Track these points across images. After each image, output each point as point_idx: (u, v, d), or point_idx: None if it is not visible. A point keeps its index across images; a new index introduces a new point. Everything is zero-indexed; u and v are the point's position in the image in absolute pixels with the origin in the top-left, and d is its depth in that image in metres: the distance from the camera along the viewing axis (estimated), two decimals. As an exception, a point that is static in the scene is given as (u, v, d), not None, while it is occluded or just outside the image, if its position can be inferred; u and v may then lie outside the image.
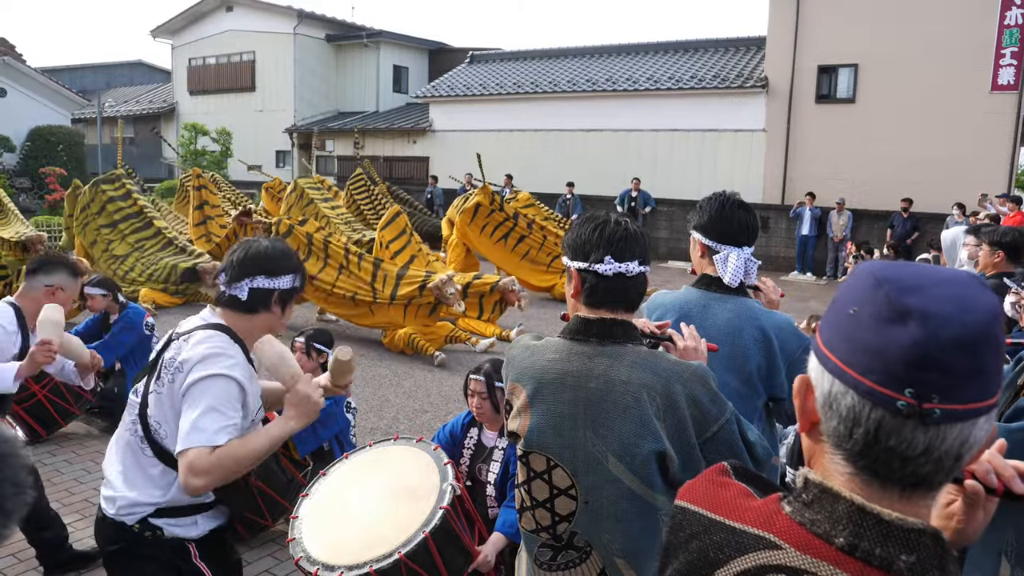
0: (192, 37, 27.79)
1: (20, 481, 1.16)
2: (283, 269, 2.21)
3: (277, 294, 2.21)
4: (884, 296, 0.83)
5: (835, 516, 0.85)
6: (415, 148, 22.70)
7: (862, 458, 0.86)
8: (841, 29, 16.05)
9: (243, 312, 2.19)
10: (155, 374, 2.15)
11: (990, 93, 14.87)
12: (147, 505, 2.13)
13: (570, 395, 1.74)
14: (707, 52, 20.42)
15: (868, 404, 0.83)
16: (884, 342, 0.81)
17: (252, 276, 2.17)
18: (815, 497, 0.88)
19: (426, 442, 3.12)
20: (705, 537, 0.96)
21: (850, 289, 0.89)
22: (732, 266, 2.29)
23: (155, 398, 2.11)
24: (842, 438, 0.87)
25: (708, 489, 1.02)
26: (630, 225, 1.82)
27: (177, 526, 2.16)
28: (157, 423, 2.10)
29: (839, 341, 0.87)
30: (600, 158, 19.05)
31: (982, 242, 4.89)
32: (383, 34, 26.02)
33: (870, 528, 0.83)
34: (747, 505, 0.95)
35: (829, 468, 0.90)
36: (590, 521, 1.75)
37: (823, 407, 0.89)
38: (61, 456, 5.13)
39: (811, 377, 0.91)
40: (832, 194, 15.60)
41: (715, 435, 1.71)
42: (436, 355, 7.80)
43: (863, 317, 0.84)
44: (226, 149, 23.15)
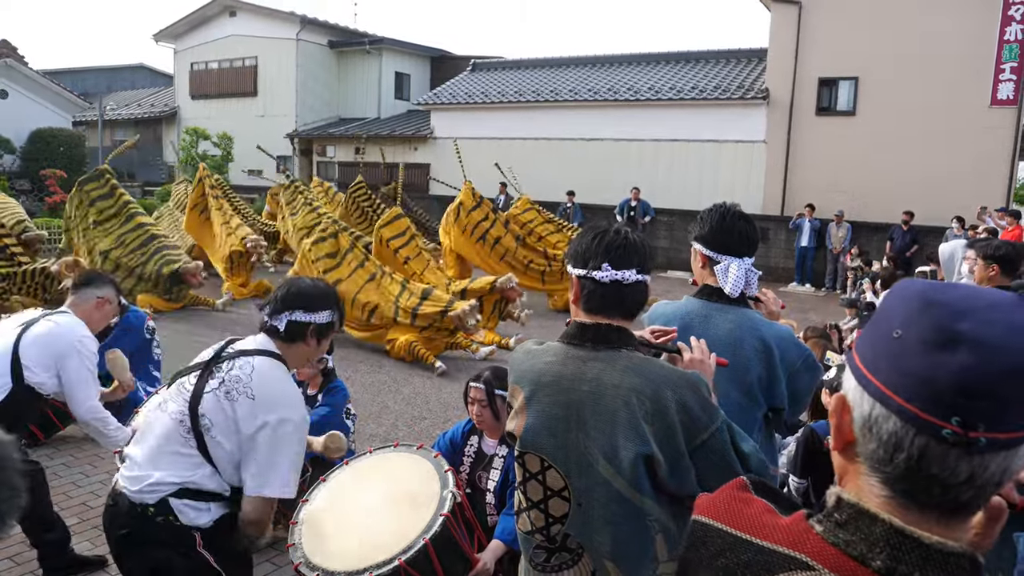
0: (195, 41, 27.86)
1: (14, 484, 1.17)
2: (321, 306, 2.43)
3: (313, 327, 2.42)
4: (932, 320, 0.81)
5: (872, 538, 0.84)
6: (416, 155, 22.74)
7: (901, 482, 0.84)
8: (842, 42, 16.12)
9: (280, 341, 2.40)
10: (208, 377, 2.29)
11: (989, 107, 14.94)
12: (171, 484, 2.23)
13: (564, 397, 1.77)
14: (708, 63, 20.50)
15: (912, 430, 0.81)
16: (932, 368, 0.80)
17: (291, 310, 2.39)
18: (849, 517, 0.87)
19: (427, 449, 3.13)
20: (731, 555, 0.94)
21: (894, 310, 0.87)
22: (733, 276, 2.31)
23: (213, 400, 2.24)
24: (881, 462, 0.85)
25: (730, 505, 1.01)
26: (630, 235, 1.85)
27: (192, 509, 2.25)
28: (210, 423, 2.23)
29: (882, 363, 0.85)
30: (601, 167, 19.09)
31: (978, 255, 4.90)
32: (385, 41, 26.09)
33: (909, 552, 0.82)
34: (774, 523, 0.94)
35: (864, 489, 0.88)
36: (582, 523, 1.78)
37: (862, 429, 0.87)
38: (59, 459, 5.13)
39: (848, 397, 0.90)
40: (832, 206, 15.64)
41: (705, 443, 1.72)
42: (437, 365, 7.81)
43: (910, 341, 0.82)
44: (227, 154, 23.18)
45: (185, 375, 2.38)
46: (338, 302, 2.52)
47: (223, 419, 2.23)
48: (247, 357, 2.32)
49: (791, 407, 2.39)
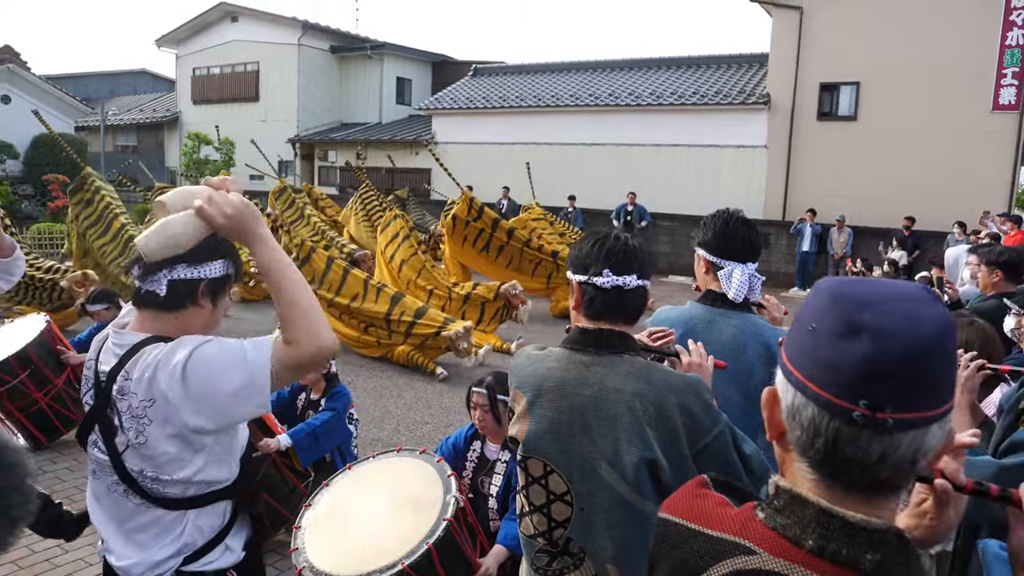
0: (196, 47, 27.94)
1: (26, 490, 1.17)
2: (209, 254, 1.80)
3: (204, 285, 1.81)
4: (839, 312, 0.88)
5: (804, 520, 0.90)
6: (417, 160, 22.78)
7: (824, 465, 0.90)
8: (843, 47, 16.15)
9: (165, 311, 1.80)
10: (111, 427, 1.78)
11: (991, 113, 14.96)
12: (172, 561, 1.84)
13: (567, 402, 1.78)
14: (710, 68, 20.54)
15: (827, 415, 0.87)
16: (839, 357, 0.86)
17: (171, 265, 1.76)
18: (786, 503, 0.93)
19: (429, 453, 3.13)
20: (686, 547, 1.00)
21: (810, 306, 0.93)
22: (736, 282, 2.32)
23: (133, 452, 1.75)
24: (805, 447, 0.92)
25: (689, 500, 1.06)
26: (631, 241, 1.87)
27: (214, 561, 1.91)
28: (151, 471, 1.76)
29: (800, 356, 0.91)
30: (602, 172, 19.11)
31: (981, 261, 4.90)
32: (387, 46, 26.16)
33: (837, 530, 0.87)
34: (724, 514, 1.00)
35: (797, 475, 0.94)
36: (584, 527, 1.79)
37: (788, 418, 0.94)
38: (62, 464, 5.13)
39: (778, 389, 0.96)
40: (833, 211, 15.64)
41: (708, 446, 1.73)
42: (439, 372, 7.81)
43: (821, 333, 0.89)
44: (229, 159, 23.23)
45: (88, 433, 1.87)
46: (232, 249, 1.88)
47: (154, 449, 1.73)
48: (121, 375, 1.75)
49: None
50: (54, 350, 5.24)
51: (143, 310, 1.82)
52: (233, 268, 1.88)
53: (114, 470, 1.79)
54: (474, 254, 10.99)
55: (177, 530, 1.84)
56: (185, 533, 1.85)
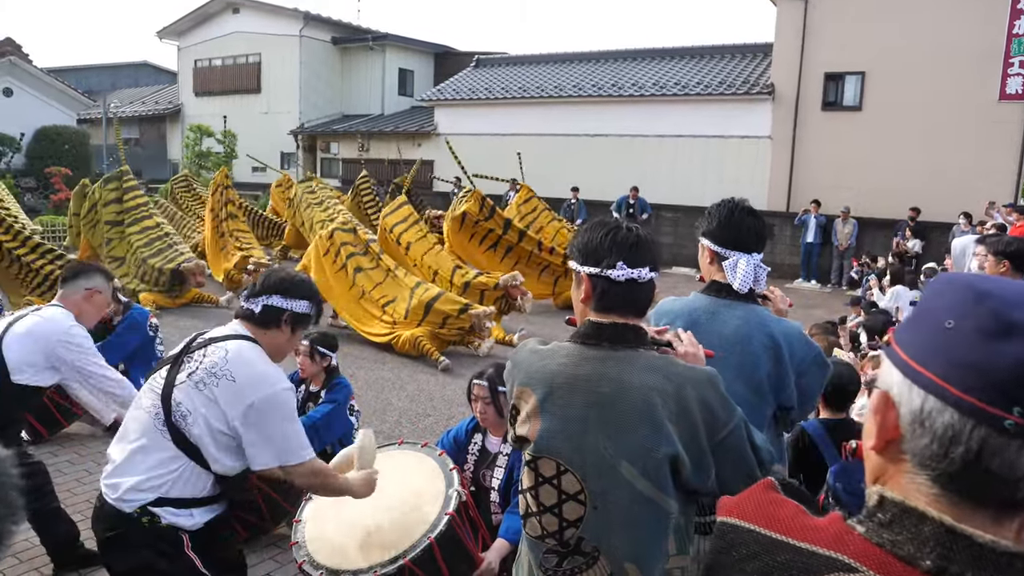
0: (198, 39, 27.87)
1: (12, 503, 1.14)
2: (299, 294, 2.40)
3: (288, 315, 2.38)
4: (989, 310, 0.80)
5: (920, 537, 0.81)
6: (420, 151, 22.71)
7: (956, 479, 0.82)
8: (848, 36, 16.03)
9: (255, 325, 2.36)
10: (179, 368, 2.27)
11: (998, 102, 14.82)
12: (148, 492, 2.20)
13: (581, 399, 1.73)
14: (713, 58, 20.42)
15: (970, 423, 0.79)
16: (990, 358, 0.78)
17: (269, 294, 2.36)
18: (894, 517, 0.85)
19: (431, 447, 3.11)
20: (766, 558, 0.91)
21: (941, 301, 0.85)
22: (741, 272, 2.28)
23: (188, 388, 2.21)
24: (935, 458, 0.82)
25: (762, 506, 0.98)
26: (641, 231, 1.83)
27: (175, 515, 2.23)
28: (187, 411, 2.20)
29: (933, 356, 0.83)
30: (605, 163, 19.04)
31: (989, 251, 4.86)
32: (389, 37, 26.07)
33: (961, 551, 0.79)
34: (811, 524, 0.91)
35: (909, 488, 0.85)
36: (599, 526, 1.74)
37: (912, 424, 0.84)
38: (63, 456, 5.12)
39: (893, 392, 0.87)
40: (837, 202, 15.56)
41: (725, 439, 1.71)
42: (441, 360, 7.79)
43: (965, 331, 0.81)
44: (231, 151, 23.20)
45: (159, 369, 2.35)
46: (318, 296, 2.49)
47: (204, 404, 2.20)
48: (219, 343, 2.29)
49: (800, 405, 2.36)
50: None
51: (242, 320, 2.39)
52: (315, 310, 2.46)
53: (160, 394, 2.25)
54: (479, 252, 10.97)
55: (169, 469, 2.21)
56: (172, 477, 2.21)
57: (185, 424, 2.20)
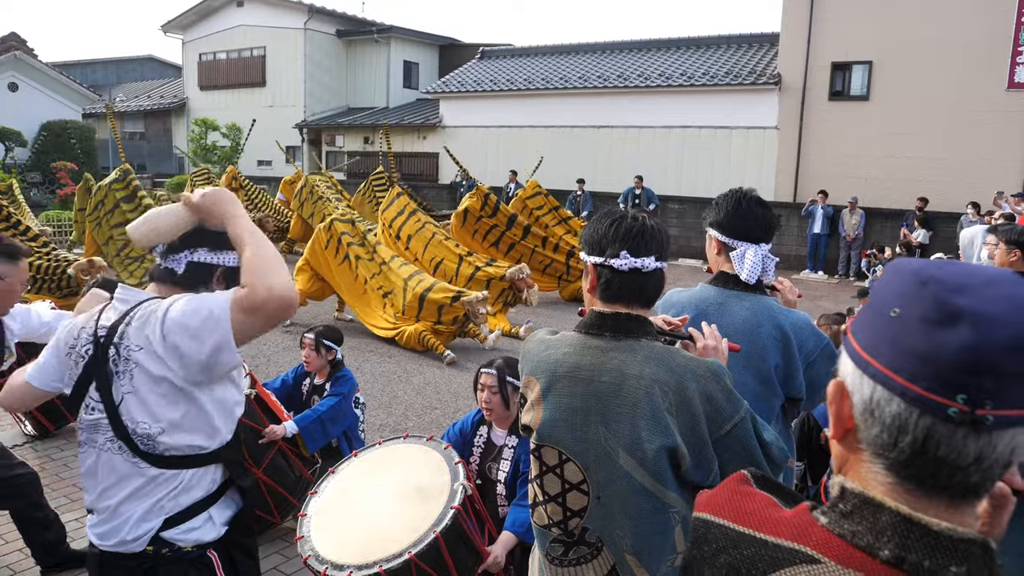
0: (203, 32, 27.86)
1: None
2: (229, 244, 1.87)
3: (221, 271, 1.93)
4: (931, 296, 0.79)
5: (878, 527, 0.81)
6: (425, 144, 22.67)
7: (907, 467, 0.81)
8: (855, 25, 15.90)
9: (181, 288, 1.88)
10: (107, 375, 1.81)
11: (1006, 91, 14.69)
12: (153, 518, 1.84)
13: (583, 389, 1.73)
14: (720, 48, 20.29)
15: (916, 411, 0.78)
16: (933, 346, 0.77)
17: (192, 248, 1.90)
18: (854, 507, 0.84)
19: (437, 440, 3.09)
20: (734, 552, 0.91)
21: (890, 289, 0.84)
22: (749, 263, 2.25)
23: (132, 398, 1.79)
24: (885, 447, 0.82)
25: (732, 500, 0.98)
26: (647, 221, 1.80)
27: (195, 529, 1.89)
28: (146, 423, 1.78)
29: (880, 344, 0.82)
30: (611, 155, 18.98)
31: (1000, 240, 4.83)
32: (393, 29, 26.00)
33: (918, 539, 0.79)
34: (777, 516, 0.91)
35: (867, 477, 0.85)
36: (602, 517, 1.74)
37: (863, 414, 0.84)
38: (69, 451, 5.12)
39: (846, 382, 0.86)
40: (845, 192, 15.47)
41: (729, 433, 1.69)
42: (447, 354, 7.78)
43: (908, 319, 0.80)
44: (236, 144, 23.21)
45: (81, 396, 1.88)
46: None
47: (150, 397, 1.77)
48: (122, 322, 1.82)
49: (809, 396, 2.33)
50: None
51: (160, 284, 1.92)
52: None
53: (109, 425, 1.81)
54: (482, 248, 10.94)
55: (167, 490, 1.83)
56: (174, 494, 1.84)
57: (153, 442, 1.79)
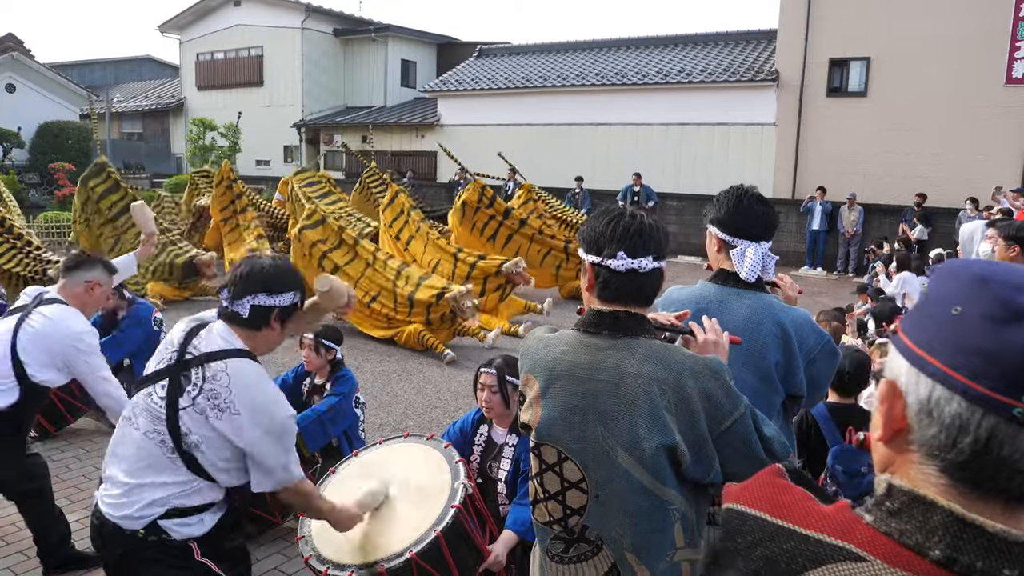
0: (200, 32, 27.81)
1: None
2: (284, 287, 2.29)
3: (277, 311, 2.28)
4: (994, 295, 0.78)
5: (929, 527, 0.80)
6: (423, 143, 22.65)
7: (965, 469, 0.80)
8: (853, 21, 15.89)
9: (245, 328, 2.26)
10: (179, 388, 2.16)
11: (1004, 86, 14.68)
12: (158, 508, 2.14)
13: (581, 387, 1.72)
14: (717, 45, 20.28)
15: (979, 411, 0.77)
16: (998, 345, 0.76)
17: (254, 294, 2.24)
18: (903, 505, 0.83)
19: (437, 439, 3.09)
20: (772, 545, 0.88)
21: (948, 288, 0.83)
22: (749, 261, 2.24)
23: (194, 417, 2.13)
24: (943, 448, 0.81)
25: (768, 492, 0.95)
26: (645, 219, 1.79)
27: (184, 526, 2.18)
28: (197, 440, 2.13)
29: (940, 343, 0.81)
30: (609, 152, 18.97)
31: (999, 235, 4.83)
32: (391, 28, 25.96)
33: (971, 540, 0.77)
34: (818, 511, 0.89)
35: (917, 478, 0.83)
36: (601, 515, 1.74)
37: (919, 414, 0.82)
38: (70, 452, 5.12)
39: (899, 381, 0.85)
40: (843, 188, 15.47)
41: (728, 429, 1.68)
42: (446, 353, 7.77)
43: (971, 318, 0.79)
44: (234, 144, 23.18)
45: (151, 383, 2.23)
46: (300, 281, 2.39)
47: (211, 435, 2.14)
48: (218, 362, 2.18)
49: (810, 394, 2.33)
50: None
51: (231, 324, 2.27)
52: (300, 297, 2.36)
53: (165, 421, 2.14)
54: (482, 242, 10.97)
55: (183, 489, 2.16)
56: (187, 491, 2.17)
57: (198, 452, 2.15)
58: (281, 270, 2.32)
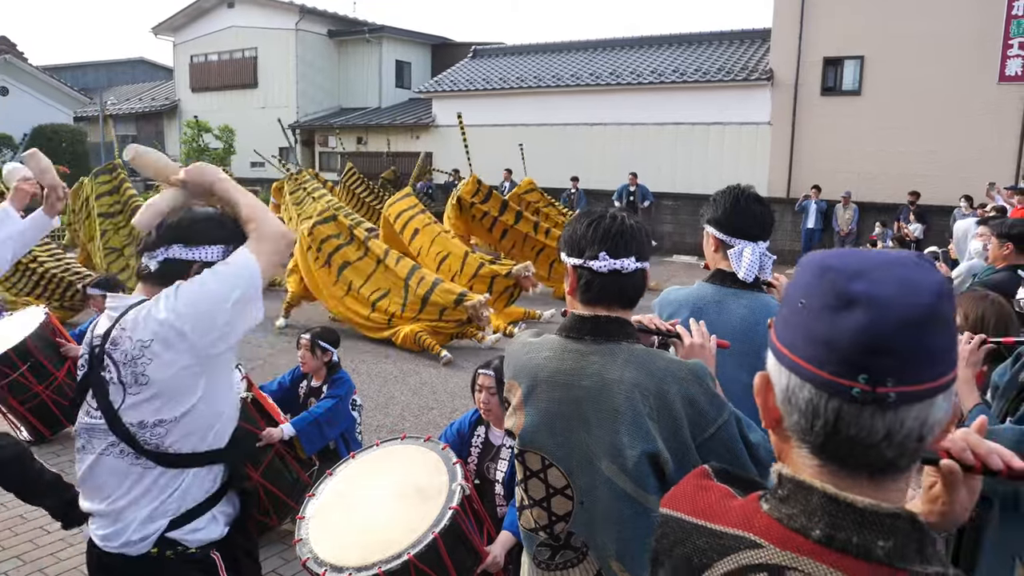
0: (194, 34, 27.76)
1: None
2: (206, 238, 1.89)
3: (197, 267, 1.87)
4: (830, 284, 0.83)
5: (810, 509, 0.85)
6: (418, 143, 22.64)
7: (826, 449, 0.85)
8: (847, 20, 15.92)
9: (159, 285, 1.84)
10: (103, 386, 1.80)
11: (998, 84, 14.74)
12: (158, 525, 1.84)
13: (563, 394, 1.70)
14: (711, 45, 20.31)
15: (825, 395, 0.83)
16: (833, 331, 0.81)
17: (167, 244, 1.87)
18: (790, 492, 0.88)
19: (434, 441, 3.09)
20: (688, 543, 0.95)
21: (798, 282, 0.89)
22: (747, 261, 2.24)
23: (131, 404, 1.78)
24: (804, 431, 0.87)
25: (690, 494, 1.01)
26: (627, 220, 1.75)
27: (196, 531, 1.89)
28: (148, 424, 1.78)
29: (792, 335, 0.87)
30: (605, 152, 18.97)
31: (992, 233, 4.86)
32: (385, 29, 25.95)
33: (845, 517, 0.82)
34: (728, 506, 0.94)
35: (798, 462, 0.89)
36: (585, 522, 1.72)
37: (783, 403, 0.89)
38: (66, 456, 5.10)
39: (770, 374, 0.91)
40: (838, 187, 15.50)
41: (713, 436, 1.65)
42: (443, 355, 7.77)
43: (812, 309, 0.84)
44: (229, 146, 23.13)
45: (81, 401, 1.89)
46: (232, 233, 1.93)
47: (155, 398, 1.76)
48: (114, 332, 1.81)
49: None
50: (54, 342, 5.20)
51: (144, 284, 1.91)
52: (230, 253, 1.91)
53: (110, 430, 1.80)
54: (483, 232, 11.05)
55: (170, 491, 1.84)
56: (177, 494, 1.85)
57: (157, 439, 1.79)
58: (205, 218, 1.92)
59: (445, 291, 8.06)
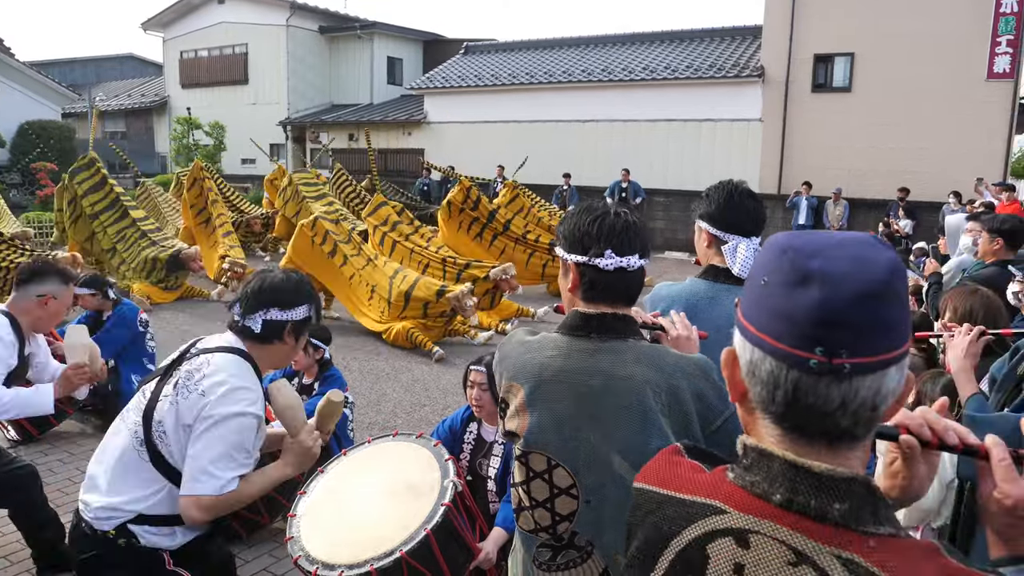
0: (183, 30, 27.58)
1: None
2: (297, 301, 2.27)
3: (290, 325, 2.26)
4: (789, 262, 0.88)
5: (772, 475, 0.91)
6: (410, 140, 22.58)
7: (786, 418, 0.91)
8: (837, 17, 15.97)
9: (256, 342, 2.24)
10: (170, 380, 2.17)
11: (986, 81, 14.82)
12: (127, 512, 2.13)
13: (570, 393, 1.68)
14: (703, 41, 20.33)
15: (784, 367, 0.88)
16: (792, 306, 0.86)
17: (266, 308, 2.23)
18: (753, 460, 0.94)
19: (426, 437, 3.07)
20: (659, 512, 1.01)
21: (761, 261, 0.94)
22: (742, 257, 2.22)
23: (166, 404, 2.12)
24: (766, 402, 0.92)
25: (662, 468, 1.07)
26: (630, 217, 1.74)
27: (155, 535, 2.16)
28: (161, 428, 2.11)
29: (755, 311, 0.92)
30: (597, 148, 18.97)
31: (983, 229, 4.88)
32: (377, 25, 25.84)
33: (803, 482, 0.88)
34: (696, 478, 1.01)
35: (762, 433, 0.95)
36: (592, 521, 1.70)
37: (747, 375, 0.94)
38: (54, 456, 5.06)
39: (736, 349, 0.96)
40: (829, 183, 15.56)
41: (720, 428, 1.66)
42: (435, 351, 7.75)
43: (773, 285, 0.89)
44: (219, 143, 23.00)
45: (148, 382, 2.26)
46: (314, 295, 2.36)
47: (172, 420, 2.10)
48: (209, 355, 2.18)
49: None
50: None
51: (241, 338, 2.25)
52: (314, 312, 2.34)
53: (143, 412, 2.15)
54: (468, 239, 11.00)
55: (150, 491, 2.14)
56: (154, 500, 2.14)
57: (162, 444, 2.11)
58: (293, 283, 2.30)
59: (426, 285, 8.09)
